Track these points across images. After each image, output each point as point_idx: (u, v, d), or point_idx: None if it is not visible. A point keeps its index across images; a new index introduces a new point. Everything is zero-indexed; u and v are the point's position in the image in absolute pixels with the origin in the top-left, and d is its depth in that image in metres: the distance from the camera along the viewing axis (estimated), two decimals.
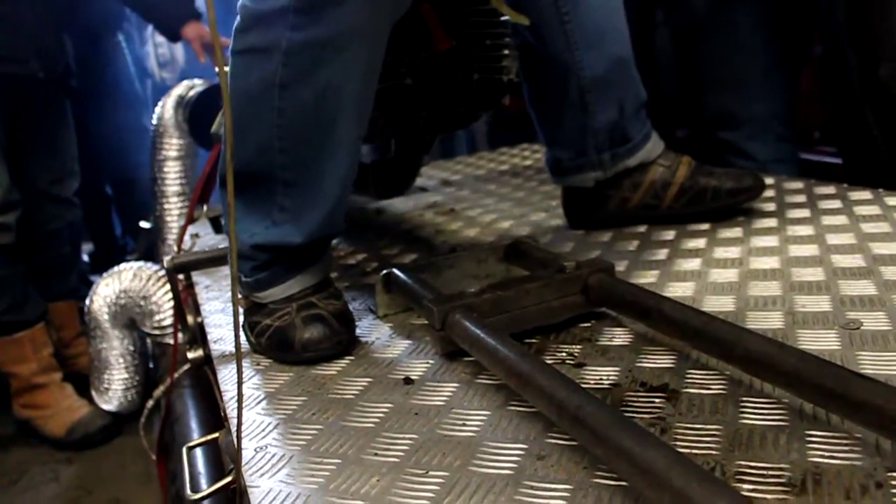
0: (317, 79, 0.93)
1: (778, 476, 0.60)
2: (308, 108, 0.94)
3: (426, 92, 1.21)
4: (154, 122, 2.41)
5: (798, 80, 1.91)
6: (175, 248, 2.00)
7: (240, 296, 1.06)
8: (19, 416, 2.11)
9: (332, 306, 0.99)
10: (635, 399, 0.76)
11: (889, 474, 0.59)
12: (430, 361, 0.93)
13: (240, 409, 0.68)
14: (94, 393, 2.15)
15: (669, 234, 1.35)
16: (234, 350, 0.92)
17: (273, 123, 0.95)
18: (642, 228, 1.41)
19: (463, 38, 1.22)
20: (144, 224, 2.80)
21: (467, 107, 1.33)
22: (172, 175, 2.38)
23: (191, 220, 1.80)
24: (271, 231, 0.99)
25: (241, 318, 1.03)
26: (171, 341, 1.97)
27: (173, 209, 2.41)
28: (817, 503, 0.57)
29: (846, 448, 0.63)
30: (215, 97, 2.24)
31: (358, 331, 1.07)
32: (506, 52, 1.31)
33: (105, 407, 2.11)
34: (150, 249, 2.64)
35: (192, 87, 2.35)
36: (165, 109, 2.34)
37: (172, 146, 2.37)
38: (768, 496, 0.58)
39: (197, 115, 2.26)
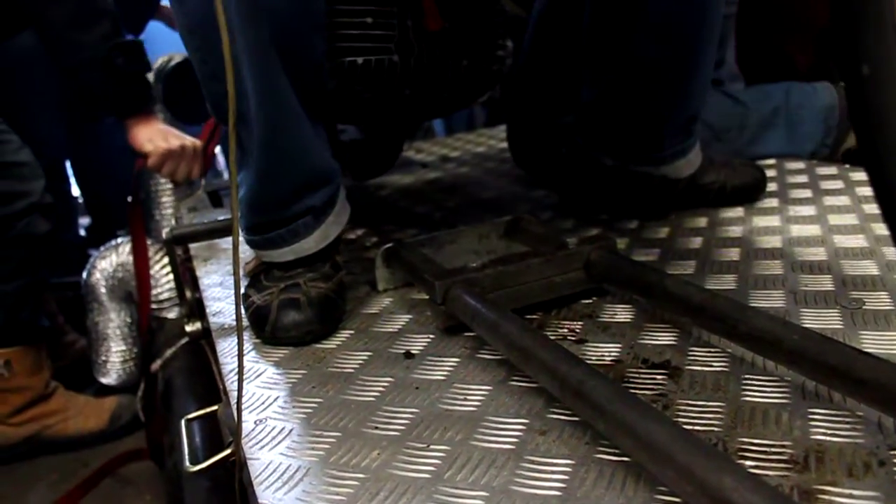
0: None
1: (780, 453, 0.60)
2: (199, 16, 0.90)
3: (412, 71, 1.19)
4: None
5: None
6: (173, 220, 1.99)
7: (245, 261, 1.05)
8: (14, 438, 1.86)
9: (315, 290, 0.97)
10: (637, 376, 0.76)
11: (892, 452, 0.59)
12: (431, 336, 0.92)
13: (240, 380, 0.67)
14: (91, 367, 2.13)
15: (671, 213, 1.34)
16: (233, 323, 0.92)
17: (194, 46, 0.93)
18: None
19: (456, 22, 1.20)
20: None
21: (452, 93, 1.31)
22: None
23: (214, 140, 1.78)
24: (248, 176, 0.97)
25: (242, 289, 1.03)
26: (170, 315, 1.97)
27: (165, 184, 2.37)
28: (819, 480, 0.56)
29: (849, 426, 0.63)
30: (192, 70, 2.20)
31: (358, 305, 1.06)
32: (499, 42, 1.30)
33: (103, 381, 2.09)
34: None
35: (170, 59, 2.30)
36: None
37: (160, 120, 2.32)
38: (770, 473, 0.58)
39: (172, 88, 2.21)
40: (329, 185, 1.03)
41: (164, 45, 2.48)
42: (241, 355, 0.67)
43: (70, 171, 2.84)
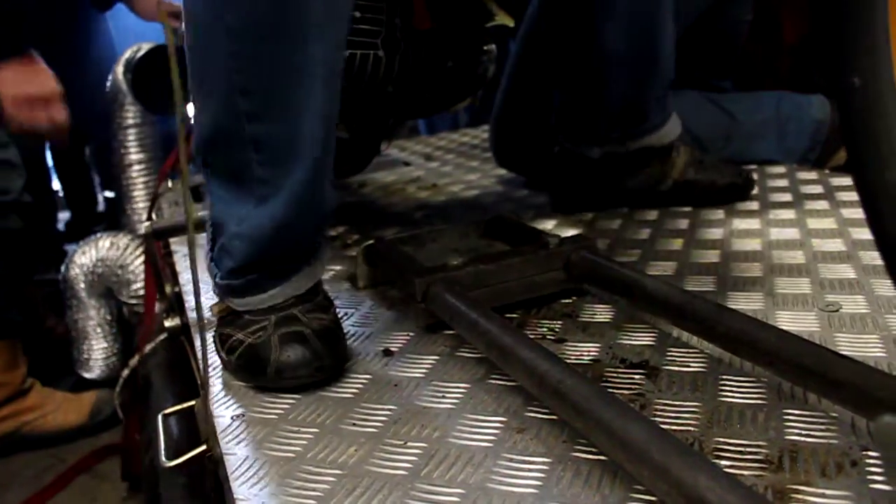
0: None
1: (755, 453, 0.61)
2: (265, 21, 0.73)
3: (397, 69, 1.19)
4: (108, 87, 2.31)
5: None
6: (145, 216, 1.97)
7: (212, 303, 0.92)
8: None
9: (317, 322, 0.83)
10: (615, 375, 0.76)
11: (864, 453, 0.59)
12: (411, 333, 0.92)
13: (205, 375, 0.67)
14: (74, 364, 2.11)
15: (652, 215, 1.35)
16: (212, 318, 0.91)
17: (227, 52, 0.75)
18: (625, 208, 1.41)
19: (444, 23, 1.20)
20: (108, 194, 2.73)
21: (435, 93, 1.31)
22: (132, 142, 2.29)
23: (162, 180, 1.78)
24: (257, 212, 0.81)
25: (213, 329, 0.90)
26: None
27: (137, 178, 2.34)
28: (793, 480, 0.57)
29: (823, 427, 0.63)
30: (161, 58, 2.16)
31: (338, 303, 1.06)
32: (485, 47, 1.30)
33: (87, 375, 2.08)
34: (117, 219, 2.57)
35: (138, 50, 2.26)
36: (117, 75, 2.26)
37: (129, 113, 2.29)
38: (745, 472, 0.58)
39: (141, 78, 2.18)
40: (329, 220, 0.92)
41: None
42: (204, 351, 0.67)
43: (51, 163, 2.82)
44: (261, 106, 0.78)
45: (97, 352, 2.09)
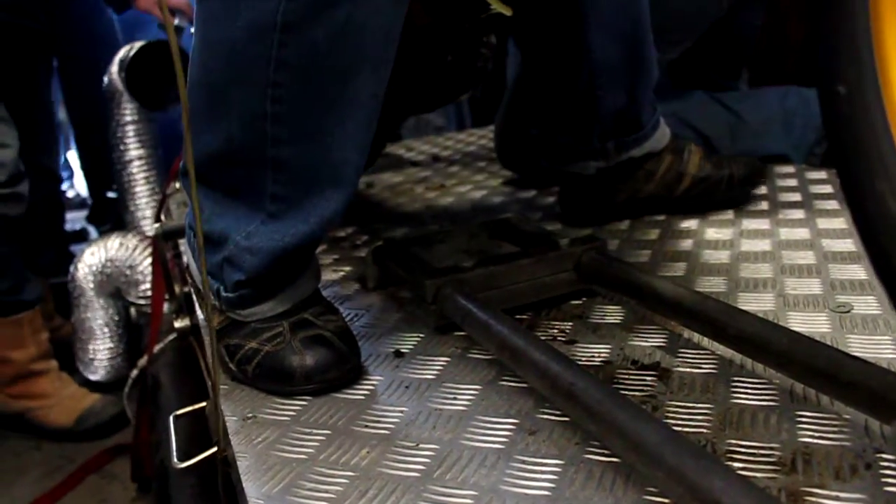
0: (335, 12, 0.72)
1: (768, 455, 0.61)
2: (319, 57, 0.74)
3: (396, 65, 1.19)
4: (104, 86, 2.30)
5: None
6: (152, 215, 1.98)
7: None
8: (7, 410, 1.92)
9: (332, 324, 0.83)
10: (626, 377, 0.76)
11: (878, 455, 0.59)
12: (421, 335, 0.92)
13: (216, 375, 0.67)
14: (78, 364, 2.12)
15: (661, 215, 1.35)
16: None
17: (266, 82, 0.74)
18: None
19: (442, 18, 1.20)
20: (110, 194, 2.72)
21: (436, 88, 1.31)
22: (131, 139, 2.28)
23: (171, 181, 1.78)
24: (269, 227, 0.80)
25: (216, 340, 0.86)
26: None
27: (138, 174, 2.33)
28: (807, 483, 0.57)
29: (836, 429, 0.63)
30: (155, 54, 2.16)
31: (348, 304, 1.06)
32: (483, 39, 1.30)
33: (91, 377, 2.09)
34: (119, 219, 2.57)
35: (130, 49, 2.25)
36: (111, 74, 2.26)
37: (126, 110, 2.28)
38: (758, 475, 0.58)
39: (135, 76, 2.18)
40: None
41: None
42: (214, 349, 0.67)
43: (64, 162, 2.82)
44: (292, 133, 0.76)
45: (102, 352, 2.10)
